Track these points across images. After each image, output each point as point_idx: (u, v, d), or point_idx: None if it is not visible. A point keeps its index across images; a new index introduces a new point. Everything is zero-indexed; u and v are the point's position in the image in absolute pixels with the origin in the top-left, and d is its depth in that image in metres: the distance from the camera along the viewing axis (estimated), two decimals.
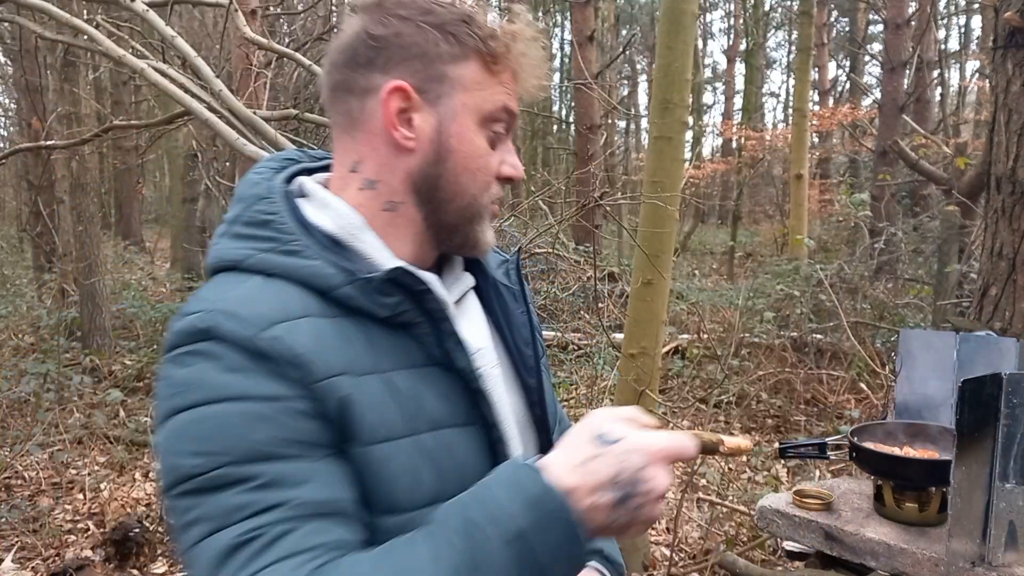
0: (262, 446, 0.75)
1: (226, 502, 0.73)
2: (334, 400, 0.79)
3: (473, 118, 0.89)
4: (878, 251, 7.23)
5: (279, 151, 2.85)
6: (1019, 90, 2.66)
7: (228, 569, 0.71)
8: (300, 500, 0.74)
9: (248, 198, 0.90)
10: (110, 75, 13.18)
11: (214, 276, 0.88)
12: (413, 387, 0.85)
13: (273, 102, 7.50)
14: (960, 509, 1.54)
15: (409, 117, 0.88)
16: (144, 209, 19.32)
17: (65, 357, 6.67)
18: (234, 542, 0.72)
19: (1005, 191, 2.67)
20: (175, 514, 0.77)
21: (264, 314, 0.79)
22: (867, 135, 13.21)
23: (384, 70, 0.88)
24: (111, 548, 3.76)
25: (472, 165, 0.90)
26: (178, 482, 0.75)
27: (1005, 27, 2.70)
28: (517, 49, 0.90)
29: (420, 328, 0.88)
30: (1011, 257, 2.64)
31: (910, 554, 1.64)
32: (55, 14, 3.21)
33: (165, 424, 0.78)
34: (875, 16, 18.90)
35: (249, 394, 0.76)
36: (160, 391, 0.80)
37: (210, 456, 0.74)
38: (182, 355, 0.78)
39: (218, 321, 0.78)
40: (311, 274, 0.83)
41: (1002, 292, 2.66)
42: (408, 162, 0.89)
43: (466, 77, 0.88)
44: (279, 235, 0.85)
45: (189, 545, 0.75)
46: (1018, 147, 2.63)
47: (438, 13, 0.88)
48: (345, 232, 0.88)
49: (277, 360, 0.77)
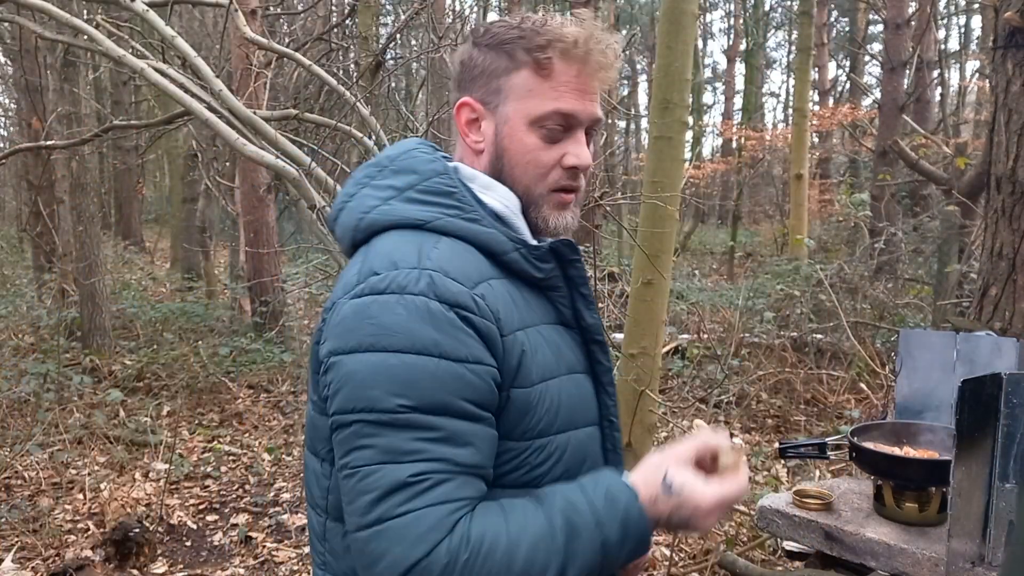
0: (449, 402, 0.90)
1: (404, 443, 0.88)
2: (517, 352, 0.96)
3: (523, 120, 1.05)
4: (878, 251, 7.23)
5: (278, 151, 2.85)
6: (1019, 90, 2.66)
7: (394, 499, 0.87)
8: (461, 459, 0.90)
9: (425, 172, 1.05)
10: (110, 75, 13.17)
11: (388, 231, 1.01)
12: (553, 338, 1.04)
13: (273, 102, 7.50)
14: (960, 509, 1.54)
15: (478, 125, 1.08)
16: (144, 209, 19.31)
17: (65, 357, 6.67)
18: (403, 480, 0.87)
19: (1005, 191, 2.67)
20: (345, 432, 0.91)
21: (469, 274, 0.96)
22: (867, 135, 13.20)
23: (463, 90, 1.09)
24: (111, 548, 3.76)
25: (523, 159, 1.06)
26: (366, 410, 0.89)
27: (1005, 27, 2.69)
28: (575, 53, 1.03)
29: (559, 291, 1.07)
30: (1011, 257, 2.63)
31: (910, 554, 1.64)
32: (55, 14, 3.21)
33: (360, 355, 0.91)
34: (875, 16, 18.89)
35: (451, 354, 0.90)
36: (356, 323, 0.92)
37: (404, 399, 0.88)
38: (396, 302, 0.91)
39: (437, 280, 0.92)
40: (490, 239, 1.01)
41: (1002, 292, 2.66)
42: (482, 161, 1.09)
43: (517, 86, 1.05)
44: (462, 204, 1.02)
45: (353, 463, 0.90)
46: (1018, 147, 2.63)
47: (503, 37, 1.05)
48: (508, 210, 1.06)
49: (483, 313, 0.93)
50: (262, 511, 4.44)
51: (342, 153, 6.92)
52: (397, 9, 16.55)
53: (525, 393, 0.97)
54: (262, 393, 6.73)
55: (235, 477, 4.98)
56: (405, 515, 0.87)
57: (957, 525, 1.54)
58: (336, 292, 0.99)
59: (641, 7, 26.49)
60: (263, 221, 7.91)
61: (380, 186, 1.06)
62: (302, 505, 4.50)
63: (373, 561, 0.88)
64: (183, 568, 3.83)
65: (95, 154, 10.02)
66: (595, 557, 0.92)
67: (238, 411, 6.26)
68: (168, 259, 15.03)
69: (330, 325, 0.96)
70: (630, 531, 0.93)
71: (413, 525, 0.86)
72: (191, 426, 5.85)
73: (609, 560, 0.94)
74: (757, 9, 22.10)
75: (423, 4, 7.46)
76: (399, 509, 0.87)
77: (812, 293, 6.72)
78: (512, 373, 0.96)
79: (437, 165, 1.05)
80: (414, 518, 0.87)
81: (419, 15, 7.83)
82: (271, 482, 4.88)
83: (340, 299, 0.96)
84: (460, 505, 0.89)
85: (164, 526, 4.22)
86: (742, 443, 1.04)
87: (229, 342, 7.35)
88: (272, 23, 9.22)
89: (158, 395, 6.36)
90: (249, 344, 7.27)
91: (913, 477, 1.77)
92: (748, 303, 7.30)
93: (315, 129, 7.57)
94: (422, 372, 0.89)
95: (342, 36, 8.37)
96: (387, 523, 0.87)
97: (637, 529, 0.94)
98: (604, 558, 0.93)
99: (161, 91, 2.97)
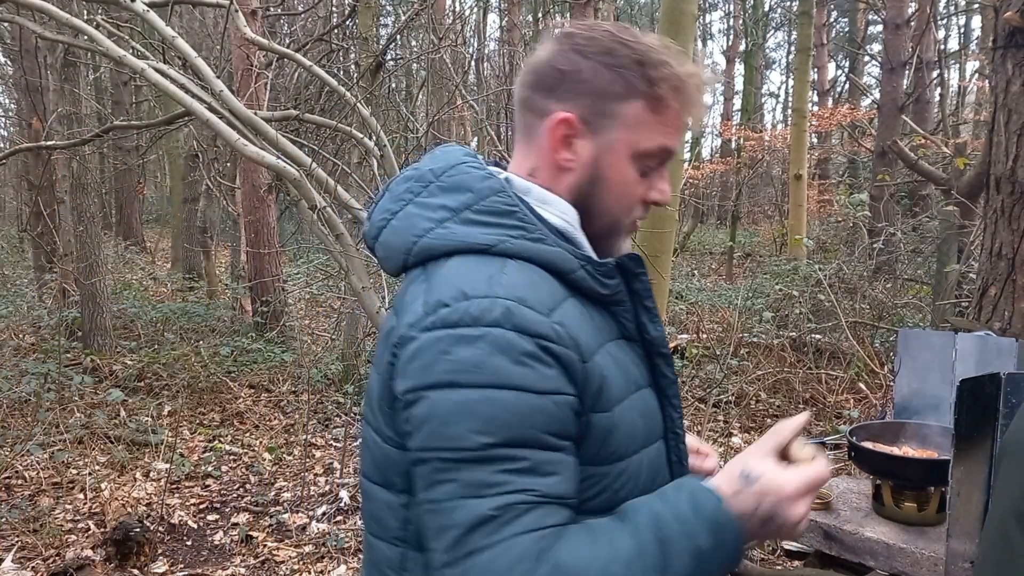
0: (533, 435, 0.87)
1: (486, 476, 0.86)
2: (597, 377, 0.94)
3: (628, 152, 1.02)
4: (877, 251, 7.23)
5: (279, 151, 2.86)
6: (1019, 90, 2.66)
7: (479, 533, 0.85)
8: (546, 489, 0.87)
9: (481, 190, 1.00)
10: (110, 75, 13.18)
11: (448, 257, 0.97)
12: (621, 354, 1.02)
13: (273, 102, 7.51)
14: (959, 509, 1.54)
15: (572, 142, 1.02)
16: (144, 209, 19.32)
17: (66, 357, 6.67)
18: (488, 513, 0.85)
19: (1005, 191, 2.67)
20: (426, 468, 0.89)
21: (544, 300, 0.92)
22: (866, 135, 13.21)
23: (559, 99, 1.01)
24: (111, 548, 3.77)
25: (619, 191, 1.04)
26: (447, 448, 0.87)
27: (1005, 27, 2.70)
28: (687, 94, 1.01)
29: (623, 306, 1.04)
30: (1010, 257, 2.64)
31: (909, 554, 1.64)
32: (55, 14, 3.21)
33: (439, 393, 0.88)
34: (875, 16, 18.89)
35: (533, 387, 0.88)
36: (431, 358, 0.89)
37: (486, 436, 0.86)
38: (473, 337, 0.88)
39: (514, 309, 0.89)
40: (556, 259, 0.97)
41: (1001, 292, 2.66)
42: (569, 179, 1.03)
43: (629, 116, 1.01)
44: (525, 224, 0.97)
45: (435, 498, 0.88)
46: (1018, 147, 2.64)
47: (617, 54, 1.00)
48: (569, 226, 1.02)
49: (563, 342, 0.90)
50: (263, 510, 4.44)
51: (342, 154, 6.93)
52: (397, 10, 16.56)
53: (607, 418, 0.96)
54: (263, 393, 6.74)
55: (236, 477, 4.99)
56: (491, 547, 0.85)
57: (956, 525, 1.55)
58: (401, 323, 0.95)
59: (641, 7, 26.49)
60: (264, 221, 7.92)
61: (430, 204, 1.00)
62: (302, 505, 4.51)
63: None
64: (183, 568, 3.84)
65: (95, 154, 10.01)
66: (690, 568, 0.89)
67: (239, 411, 6.26)
68: (169, 259, 15.04)
69: (403, 360, 0.92)
70: (720, 536, 0.90)
71: (500, 557, 0.84)
72: (192, 426, 5.86)
73: (704, 570, 0.90)
74: (756, 10, 22.10)
75: (423, 5, 7.47)
76: (484, 542, 0.85)
77: (811, 293, 6.73)
78: (593, 399, 0.94)
79: (493, 182, 1.01)
80: (501, 550, 0.84)
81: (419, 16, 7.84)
82: (272, 482, 4.89)
83: (409, 333, 0.92)
84: (546, 533, 0.86)
85: (165, 526, 4.22)
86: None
87: (230, 342, 7.36)
88: (272, 24, 9.23)
89: (159, 395, 6.37)
90: (250, 344, 7.28)
91: (912, 477, 1.78)
92: (747, 303, 7.31)
93: (316, 130, 7.59)
94: (503, 407, 0.87)
95: (342, 37, 8.38)
96: (473, 558, 0.85)
97: (728, 532, 0.91)
98: (699, 568, 0.89)
99: (162, 91, 2.98)
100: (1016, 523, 0.75)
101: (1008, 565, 0.76)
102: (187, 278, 11.62)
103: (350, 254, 2.85)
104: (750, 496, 0.92)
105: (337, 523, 4.24)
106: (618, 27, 1.03)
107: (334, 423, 6.03)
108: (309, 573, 3.73)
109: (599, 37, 1.01)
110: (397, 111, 7.05)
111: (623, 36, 1.01)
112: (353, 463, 5.13)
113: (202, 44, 8.94)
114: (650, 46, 1.00)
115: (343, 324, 7.35)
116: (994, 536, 0.79)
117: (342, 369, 6.78)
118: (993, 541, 0.79)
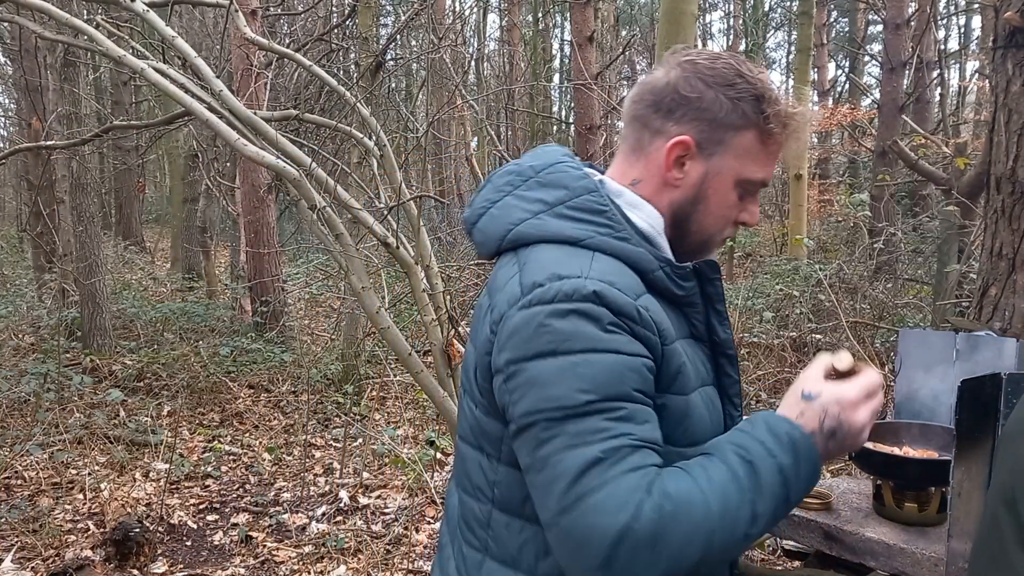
0: (626, 391, 0.97)
1: (592, 425, 0.94)
2: (676, 360, 1.04)
3: (733, 177, 1.11)
4: (877, 251, 7.23)
5: (279, 151, 2.85)
6: (1019, 90, 2.66)
7: (592, 473, 0.93)
8: (643, 434, 0.97)
9: (576, 188, 1.09)
10: (110, 75, 13.18)
11: (540, 244, 1.06)
12: (693, 352, 1.11)
13: (273, 102, 7.50)
14: (960, 509, 1.54)
15: (684, 163, 1.11)
16: (144, 209, 19.31)
17: (65, 357, 6.67)
18: (597, 455, 0.93)
19: (1005, 191, 2.67)
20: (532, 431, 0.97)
21: (631, 287, 1.02)
22: (867, 135, 13.20)
23: (678, 121, 1.10)
24: (111, 548, 3.76)
25: (718, 212, 1.13)
26: (552, 408, 0.96)
27: (1005, 27, 2.69)
28: (791, 129, 1.11)
29: (695, 308, 1.13)
30: (1011, 257, 2.63)
31: (909, 554, 1.64)
32: (55, 14, 3.21)
33: (540, 361, 0.97)
34: (875, 16, 18.88)
35: (623, 350, 0.97)
36: (531, 333, 0.98)
37: (588, 392, 0.95)
38: (567, 311, 0.97)
39: (603, 289, 0.98)
40: (639, 258, 1.06)
41: (1002, 292, 2.66)
42: (672, 195, 1.13)
43: (740, 145, 1.10)
44: (613, 223, 1.07)
45: (543, 456, 0.96)
46: (1018, 147, 2.63)
47: (737, 87, 1.09)
48: (652, 230, 1.11)
49: (645, 324, 1.00)
50: (262, 511, 4.44)
51: (342, 153, 6.93)
52: (397, 10, 16.56)
53: (683, 401, 1.05)
54: (262, 393, 6.74)
55: (235, 477, 4.99)
56: (604, 486, 0.92)
57: (957, 525, 1.54)
58: (498, 302, 1.05)
59: (641, 8, 26.49)
60: (263, 221, 7.92)
61: (527, 197, 1.10)
62: (302, 505, 4.50)
63: (582, 541, 0.92)
64: (183, 568, 3.83)
65: (95, 154, 10.02)
66: (779, 487, 0.97)
67: (238, 411, 6.26)
68: (169, 259, 15.04)
69: (503, 336, 1.01)
70: (797, 452, 0.99)
71: (612, 494, 0.92)
72: (191, 426, 5.86)
73: (791, 488, 0.99)
74: (756, 10, 22.08)
75: (423, 5, 7.47)
76: (596, 482, 0.92)
77: (811, 293, 6.73)
78: (670, 380, 1.03)
79: (588, 182, 1.10)
80: (612, 488, 0.92)
81: (419, 16, 7.84)
82: (271, 482, 4.89)
83: (508, 311, 1.01)
84: (649, 471, 0.95)
85: (164, 526, 4.22)
86: None
87: (229, 342, 7.36)
88: (272, 23, 9.22)
89: (158, 395, 6.36)
90: (249, 344, 7.28)
91: (912, 477, 1.77)
92: (747, 303, 7.30)
93: (315, 129, 7.58)
94: (600, 367, 0.96)
95: (342, 37, 8.38)
96: (587, 499, 0.92)
97: (802, 448, 1.00)
98: (786, 486, 0.98)
99: (161, 91, 2.97)
100: (1005, 510, 0.76)
101: (998, 552, 0.77)
102: (187, 278, 11.62)
103: (350, 254, 2.85)
104: (814, 412, 1.02)
105: (337, 523, 4.24)
106: (737, 59, 1.11)
107: (334, 423, 6.03)
108: (309, 573, 3.72)
109: (722, 68, 1.09)
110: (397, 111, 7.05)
111: (743, 69, 1.10)
112: (352, 463, 5.13)
113: (202, 44, 8.94)
114: (765, 82, 1.10)
115: (343, 324, 7.35)
116: (987, 523, 0.80)
117: (342, 369, 6.77)
118: (986, 528, 0.80)
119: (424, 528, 4.16)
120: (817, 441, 1.01)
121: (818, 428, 1.02)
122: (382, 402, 6.67)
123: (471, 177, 17.59)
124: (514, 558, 1.07)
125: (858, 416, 1.03)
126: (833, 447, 1.03)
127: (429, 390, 2.84)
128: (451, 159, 20.79)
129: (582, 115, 8.46)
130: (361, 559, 3.81)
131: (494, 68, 22.07)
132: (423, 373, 2.83)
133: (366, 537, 3.99)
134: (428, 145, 5.10)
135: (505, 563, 1.08)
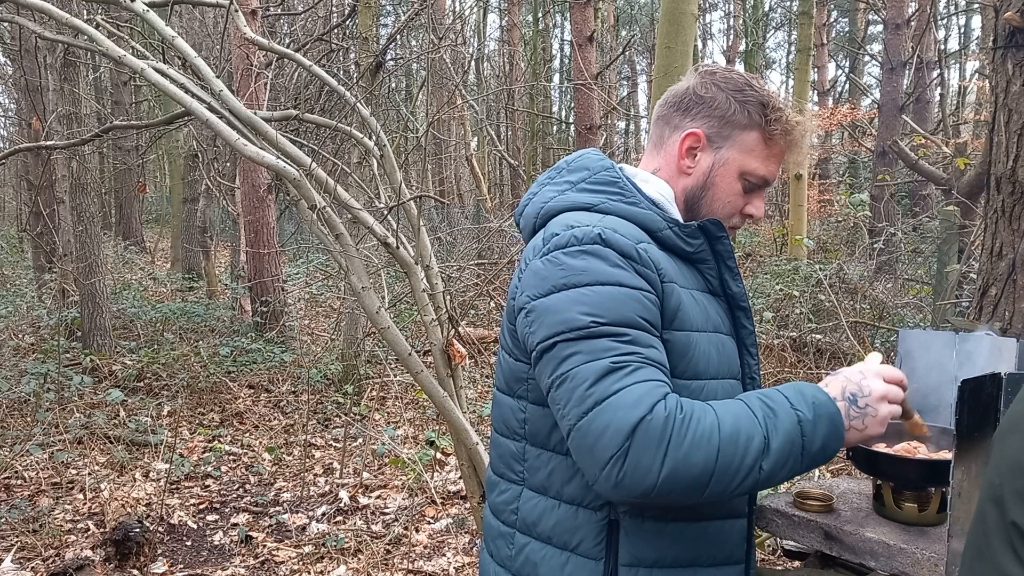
0: (632, 317, 1.11)
1: (602, 344, 1.08)
2: (675, 297, 1.17)
3: (737, 169, 1.29)
4: (877, 251, 7.23)
5: (279, 151, 2.85)
6: (1019, 90, 2.66)
7: (606, 382, 1.05)
8: (648, 355, 1.10)
9: (595, 167, 1.29)
10: (110, 75, 13.18)
11: (563, 214, 1.24)
12: (703, 301, 1.25)
13: (273, 102, 7.50)
14: (960, 509, 1.54)
15: (695, 153, 1.30)
16: (144, 209, 19.31)
17: (65, 357, 6.66)
18: (610, 365, 1.06)
19: (1005, 191, 2.67)
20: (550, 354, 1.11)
21: (633, 234, 1.18)
22: (866, 135, 13.20)
23: (692, 118, 1.30)
24: (111, 548, 3.76)
25: (724, 199, 1.30)
26: (565, 331, 1.10)
27: (1005, 27, 2.69)
28: (792, 136, 1.28)
29: (707, 264, 1.28)
30: (1011, 257, 2.63)
31: (909, 554, 1.64)
32: (55, 14, 3.20)
33: (556, 293, 1.13)
34: (875, 16, 18.88)
35: (627, 283, 1.12)
36: (548, 271, 1.15)
37: (596, 316, 1.09)
38: (577, 251, 1.14)
39: (608, 233, 1.15)
40: (647, 218, 1.23)
41: (1002, 292, 2.66)
42: (685, 181, 1.31)
43: (745, 142, 1.28)
44: (624, 191, 1.25)
45: (562, 371, 1.09)
46: (1018, 147, 2.63)
47: (746, 93, 1.27)
48: (663, 198, 1.29)
49: (645, 263, 1.15)
50: (262, 511, 4.44)
51: (342, 153, 6.93)
52: (397, 10, 16.56)
53: (685, 336, 1.18)
54: (262, 393, 6.74)
55: (235, 477, 4.99)
56: (619, 391, 1.04)
57: (957, 525, 1.54)
58: (526, 254, 1.22)
59: (641, 8, 26.50)
60: (263, 221, 7.92)
61: (558, 183, 1.31)
62: (302, 505, 4.50)
63: (597, 437, 1.03)
64: (183, 568, 3.83)
65: (95, 154, 10.01)
66: (794, 433, 1.07)
67: (238, 411, 6.26)
68: (169, 259, 15.03)
69: (526, 279, 1.18)
70: (819, 410, 1.09)
71: (628, 395, 1.03)
72: (191, 426, 5.86)
73: (807, 438, 1.08)
74: (756, 10, 22.08)
75: (423, 5, 7.47)
76: (613, 387, 1.04)
77: (811, 293, 6.73)
78: (672, 315, 1.17)
79: (605, 162, 1.30)
80: (628, 391, 1.04)
81: (419, 16, 7.84)
82: (271, 482, 4.89)
83: (532, 259, 1.18)
84: (662, 383, 1.07)
85: (164, 526, 4.22)
86: None
87: (229, 342, 7.36)
88: (272, 23, 9.22)
89: (158, 395, 6.36)
90: (249, 344, 7.28)
91: (912, 477, 1.77)
92: None
93: (315, 130, 7.58)
94: (607, 296, 1.10)
95: (342, 37, 8.38)
96: (604, 401, 1.04)
97: (825, 409, 1.10)
98: (802, 436, 1.07)
99: (161, 91, 2.97)
100: (992, 505, 0.79)
101: (984, 545, 0.79)
102: (187, 278, 11.61)
103: (350, 254, 2.85)
104: (838, 381, 1.16)
105: (337, 523, 4.24)
106: (751, 76, 1.31)
107: (334, 423, 6.03)
108: (309, 573, 3.72)
109: (735, 78, 1.29)
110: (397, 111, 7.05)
111: (754, 82, 1.29)
112: (352, 463, 5.13)
113: (202, 44, 8.94)
114: (772, 94, 1.28)
115: (343, 324, 7.34)
116: (976, 517, 0.82)
117: (342, 369, 6.77)
118: (975, 522, 0.82)
119: (424, 528, 4.16)
120: (840, 407, 1.12)
121: (839, 394, 1.13)
122: (382, 402, 6.67)
123: (471, 177, 17.56)
124: (544, 485, 1.23)
125: (877, 384, 1.14)
126: (855, 416, 1.13)
127: (429, 390, 2.83)
128: (451, 159, 20.76)
129: (582, 115, 8.47)
130: (361, 559, 3.81)
131: (494, 68, 22.07)
132: (423, 373, 2.83)
133: (366, 537, 3.99)
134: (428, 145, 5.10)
135: (537, 491, 1.25)
